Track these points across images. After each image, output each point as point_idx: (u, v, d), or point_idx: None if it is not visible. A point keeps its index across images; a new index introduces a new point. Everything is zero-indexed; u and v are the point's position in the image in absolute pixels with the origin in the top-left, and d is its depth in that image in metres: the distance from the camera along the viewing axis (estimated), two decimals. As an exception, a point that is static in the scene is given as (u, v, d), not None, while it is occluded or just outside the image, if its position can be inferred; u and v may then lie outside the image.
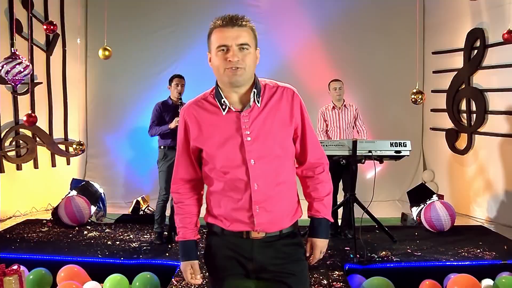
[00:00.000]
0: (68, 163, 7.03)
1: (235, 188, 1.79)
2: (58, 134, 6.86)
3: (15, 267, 2.86)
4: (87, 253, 4.33)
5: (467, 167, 6.63)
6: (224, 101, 1.79)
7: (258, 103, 1.79)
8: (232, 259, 1.83)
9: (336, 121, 5.28)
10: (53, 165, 6.81)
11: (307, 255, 1.95)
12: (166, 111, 4.87)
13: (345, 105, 5.31)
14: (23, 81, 4.90)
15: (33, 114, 5.33)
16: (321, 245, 1.94)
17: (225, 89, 1.80)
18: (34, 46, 6.44)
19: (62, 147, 6.90)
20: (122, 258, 4.19)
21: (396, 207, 6.82)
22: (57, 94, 6.82)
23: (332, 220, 2.02)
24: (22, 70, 4.34)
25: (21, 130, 6.29)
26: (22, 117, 6.31)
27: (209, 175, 1.85)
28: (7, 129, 6.10)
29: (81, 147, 5.71)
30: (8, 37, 6.12)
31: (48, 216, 6.03)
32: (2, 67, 4.38)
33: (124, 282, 3.88)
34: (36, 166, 6.54)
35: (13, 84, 4.60)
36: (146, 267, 4.03)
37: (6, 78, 4.43)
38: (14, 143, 6.19)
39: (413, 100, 5.15)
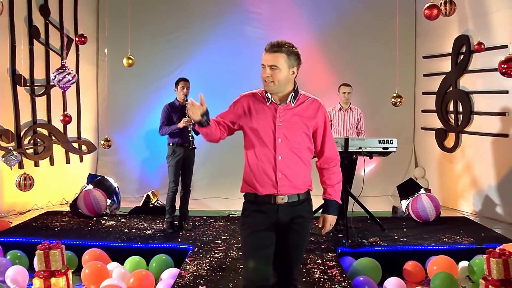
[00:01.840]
0: (81, 160, 7.66)
1: (265, 158, 2.54)
2: (71, 133, 7.48)
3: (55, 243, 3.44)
4: (107, 239, 4.94)
5: (455, 164, 7.25)
6: (268, 96, 2.59)
7: (292, 103, 2.58)
8: (262, 220, 2.56)
9: (341, 122, 5.89)
10: (67, 162, 7.43)
11: (320, 226, 2.71)
12: (174, 111, 5.43)
13: (350, 108, 5.92)
14: (70, 87, 5.71)
15: (68, 114, 6.37)
16: (331, 219, 2.70)
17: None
18: (50, 51, 7.08)
19: (76, 145, 7.52)
20: (139, 243, 4.80)
21: (389, 202, 7.43)
22: (71, 96, 7.43)
23: (340, 203, 2.78)
24: (70, 79, 5.14)
25: (38, 129, 6.90)
26: (40, 117, 6.97)
27: (250, 147, 2.60)
28: (26, 128, 6.72)
29: (108, 142, 6.33)
30: (27, 42, 6.75)
31: (64, 208, 6.66)
32: (55, 76, 5.20)
33: (142, 263, 4.48)
34: (52, 163, 7.15)
35: (62, 90, 5.37)
36: (161, 250, 4.64)
37: (58, 85, 5.17)
38: (32, 141, 6.80)
39: (393, 103, 5.80)
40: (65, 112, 6.47)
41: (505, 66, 4.34)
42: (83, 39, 6.14)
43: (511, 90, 6.14)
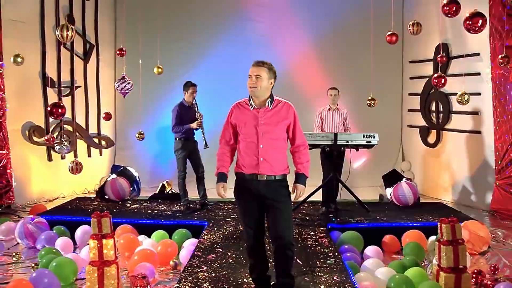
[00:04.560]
0: (101, 154, 8.83)
1: (250, 147, 3.58)
2: (92, 129, 8.64)
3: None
4: (134, 217, 6.11)
5: (437, 158, 8.43)
6: (251, 103, 3.63)
7: (270, 106, 3.61)
8: (249, 193, 3.63)
9: (329, 120, 7.03)
10: (89, 155, 8.61)
11: (293, 193, 3.71)
12: (185, 112, 6.63)
13: (338, 108, 7.05)
14: (128, 93, 7.26)
15: (109, 112, 7.79)
16: (301, 188, 3.67)
17: (252, 97, 3.63)
18: (74, 56, 8.24)
19: (96, 140, 8.68)
20: (162, 220, 5.96)
21: (377, 192, 8.55)
22: (92, 96, 8.60)
23: (308, 176, 3.77)
24: (129, 87, 6.67)
25: (64, 126, 8.05)
26: (66, 115, 8.09)
27: (240, 139, 3.65)
28: (54, 125, 7.87)
29: (141, 135, 7.50)
30: (55, 49, 7.92)
31: (89, 196, 7.82)
32: (118, 85, 6.92)
33: (165, 235, 5.62)
34: (75, 156, 8.30)
35: (123, 95, 7.12)
36: (181, 225, 5.78)
37: (120, 91, 6.84)
38: (59, 136, 7.94)
39: (368, 104, 6.97)
40: (107, 111, 8.13)
41: (436, 81, 5.74)
42: (122, 52, 7.38)
43: (483, 93, 7.30)
